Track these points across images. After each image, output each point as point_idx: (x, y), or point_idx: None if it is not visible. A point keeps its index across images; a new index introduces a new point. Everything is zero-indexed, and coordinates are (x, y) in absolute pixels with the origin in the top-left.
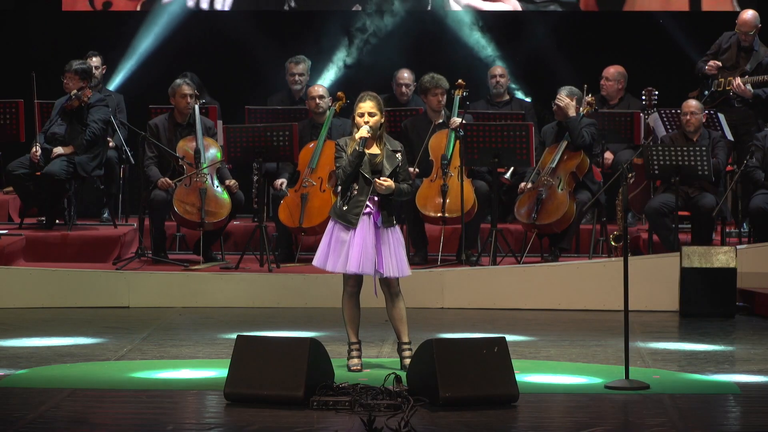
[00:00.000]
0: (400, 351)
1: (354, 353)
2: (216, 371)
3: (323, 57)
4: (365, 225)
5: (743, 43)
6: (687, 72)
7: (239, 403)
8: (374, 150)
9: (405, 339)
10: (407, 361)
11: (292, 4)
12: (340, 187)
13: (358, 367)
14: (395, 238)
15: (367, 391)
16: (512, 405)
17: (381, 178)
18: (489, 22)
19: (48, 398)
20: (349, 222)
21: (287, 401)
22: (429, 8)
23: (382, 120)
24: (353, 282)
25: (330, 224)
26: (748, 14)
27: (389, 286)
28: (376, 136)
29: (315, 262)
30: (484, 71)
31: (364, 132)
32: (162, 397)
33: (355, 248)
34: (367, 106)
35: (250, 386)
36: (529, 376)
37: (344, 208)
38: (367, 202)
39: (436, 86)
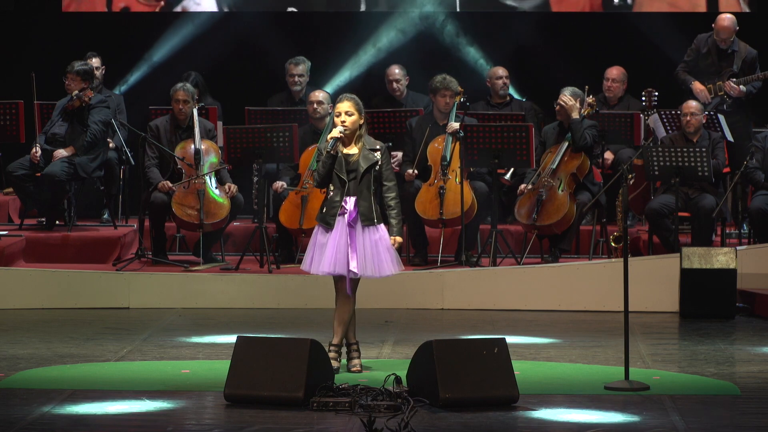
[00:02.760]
0: (347, 353)
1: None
2: (216, 372)
3: (324, 60)
4: (340, 225)
5: (722, 46)
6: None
7: (239, 404)
8: (351, 150)
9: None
10: (354, 363)
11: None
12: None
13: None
14: (374, 238)
15: (367, 392)
16: (512, 406)
17: (396, 243)
18: (481, 24)
19: (48, 399)
20: (327, 224)
21: (287, 402)
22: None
23: (362, 121)
24: (342, 284)
25: (315, 227)
26: (726, 20)
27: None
28: (354, 137)
29: (302, 266)
30: (474, 75)
31: (335, 133)
32: (162, 398)
33: (329, 249)
34: (343, 106)
35: (250, 387)
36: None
37: (323, 210)
38: (342, 203)
39: (446, 88)
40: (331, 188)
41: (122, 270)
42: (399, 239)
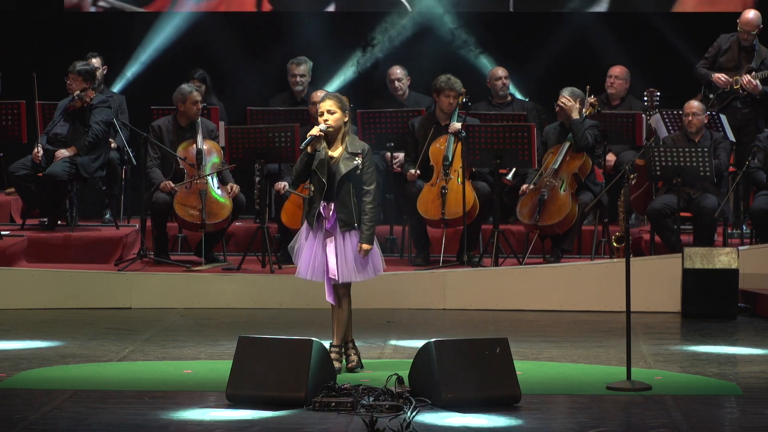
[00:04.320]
0: (344, 351)
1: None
2: (218, 372)
3: (327, 61)
4: (318, 231)
5: (744, 43)
6: (688, 73)
7: (241, 404)
8: (335, 151)
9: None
10: (351, 359)
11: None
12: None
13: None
14: (355, 241)
15: (368, 393)
16: (514, 406)
17: (362, 250)
18: (479, 24)
19: (50, 399)
20: (309, 224)
21: (289, 402)
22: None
23: (346, 119)
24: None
25: (303, 224)
26: (751, 14)
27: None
28: (339, 135)
29: (292, 257)
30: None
31: (315, 131)
32: (164, 398)
33: (305, 256)
34: (325, 105)
35: (252, 387)
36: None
37: (306, 208)
38: (321, 208)
39: (450, 88)
40: (312, 188)
41: (124, 270)
42: (365, 246)
